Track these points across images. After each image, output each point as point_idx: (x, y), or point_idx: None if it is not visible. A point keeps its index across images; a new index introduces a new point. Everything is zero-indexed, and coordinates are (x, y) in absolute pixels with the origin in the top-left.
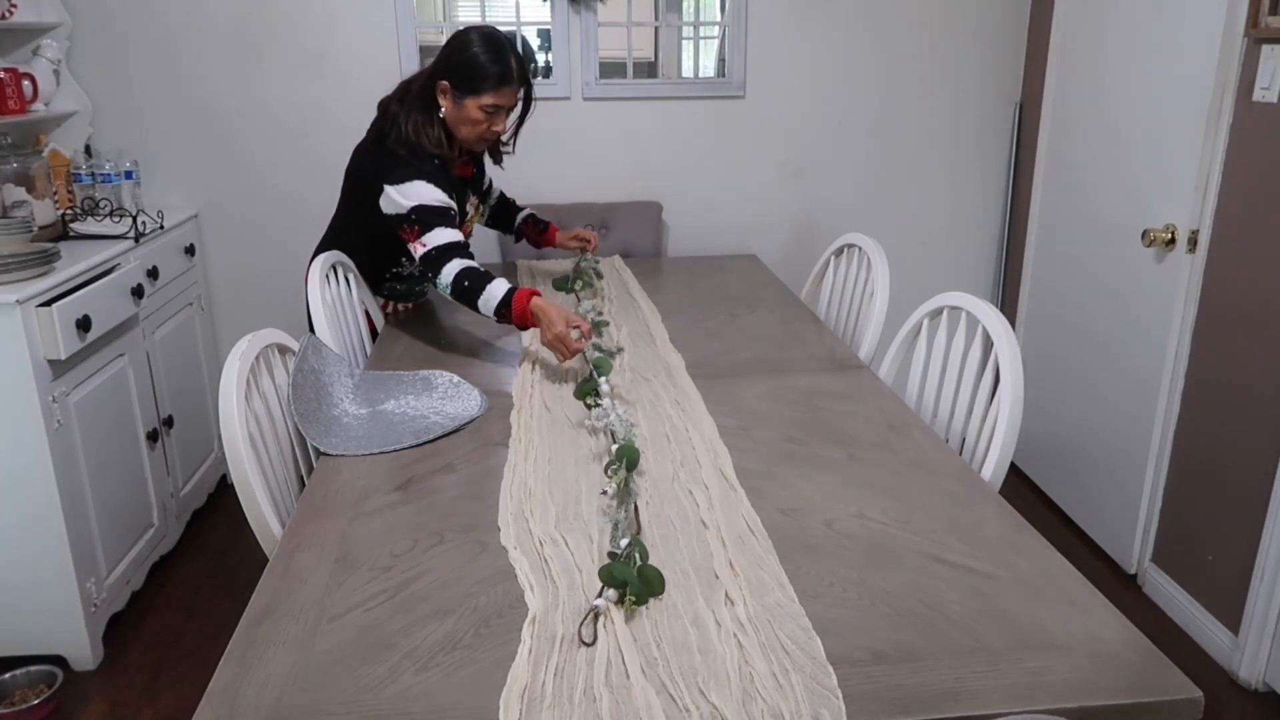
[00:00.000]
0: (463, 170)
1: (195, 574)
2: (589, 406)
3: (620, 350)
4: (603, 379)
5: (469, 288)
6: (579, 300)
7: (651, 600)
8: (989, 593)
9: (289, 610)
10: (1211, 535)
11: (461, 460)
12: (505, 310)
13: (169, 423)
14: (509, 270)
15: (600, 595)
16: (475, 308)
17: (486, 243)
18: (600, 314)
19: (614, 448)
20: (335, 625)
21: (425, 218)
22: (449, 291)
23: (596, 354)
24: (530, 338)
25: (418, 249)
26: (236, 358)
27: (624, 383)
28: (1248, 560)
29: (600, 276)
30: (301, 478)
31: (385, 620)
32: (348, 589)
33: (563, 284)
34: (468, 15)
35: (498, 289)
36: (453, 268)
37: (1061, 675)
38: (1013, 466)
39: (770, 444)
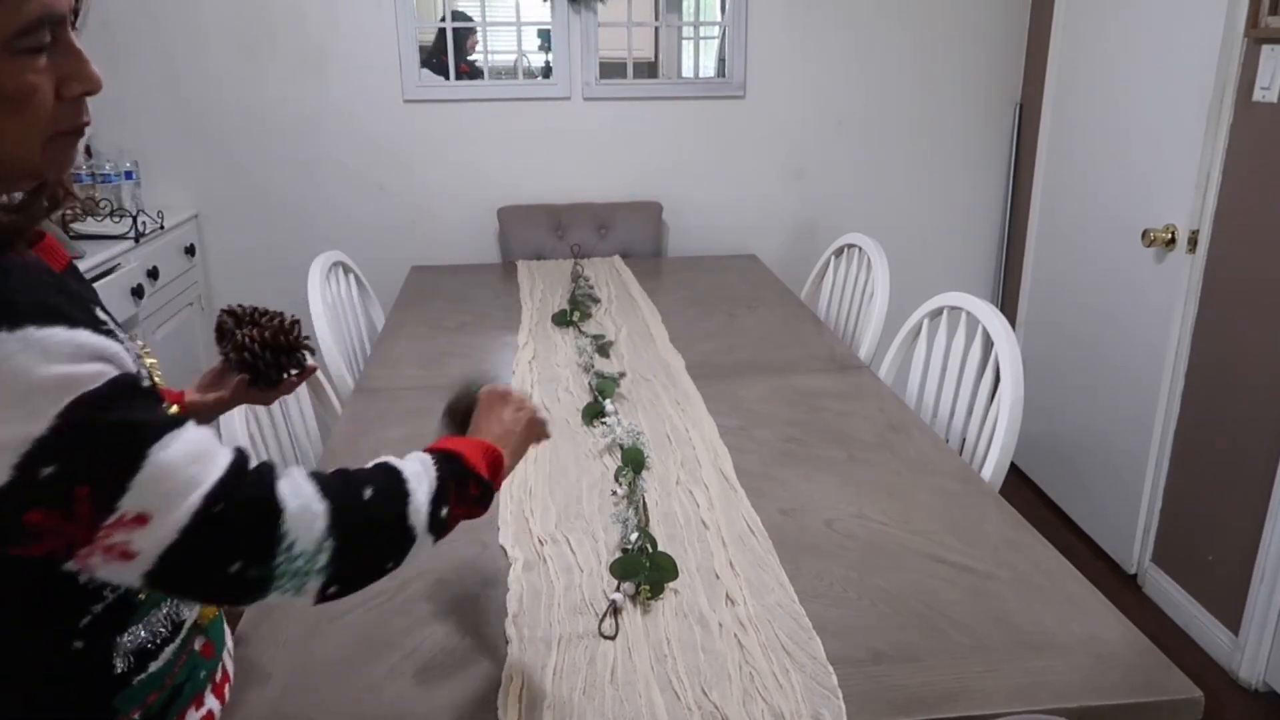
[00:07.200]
0: (49, 255)
1: None
2: (594, 426)
3: (622, 375)
4: (606, 400)
5: (373, 501)
6: (580, 333)
7: (664, 598)
8: (989, 593)
9: (289, 610)
10: (1211, 535)
11: None
12: (464, 480)
13: None
14: (508, 271)
15: (618, 589)
16: (402, 537)
17: (474, 245)
18: (604, 338)
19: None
20: (335, 625)
21: (97, 443)
22: (329, 556)
23: (599, 379)
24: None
25: (128, 551)
26: None
27: (624, 383)
28: (1248, 560)
29: (597, 301)
30: None
31: (385, 620)
32: None
33: (562, 319)
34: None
35: (416, 472)
36: (304, 502)
37: (1062, 675)
38: (1013, 466)
39: (770, 444)
